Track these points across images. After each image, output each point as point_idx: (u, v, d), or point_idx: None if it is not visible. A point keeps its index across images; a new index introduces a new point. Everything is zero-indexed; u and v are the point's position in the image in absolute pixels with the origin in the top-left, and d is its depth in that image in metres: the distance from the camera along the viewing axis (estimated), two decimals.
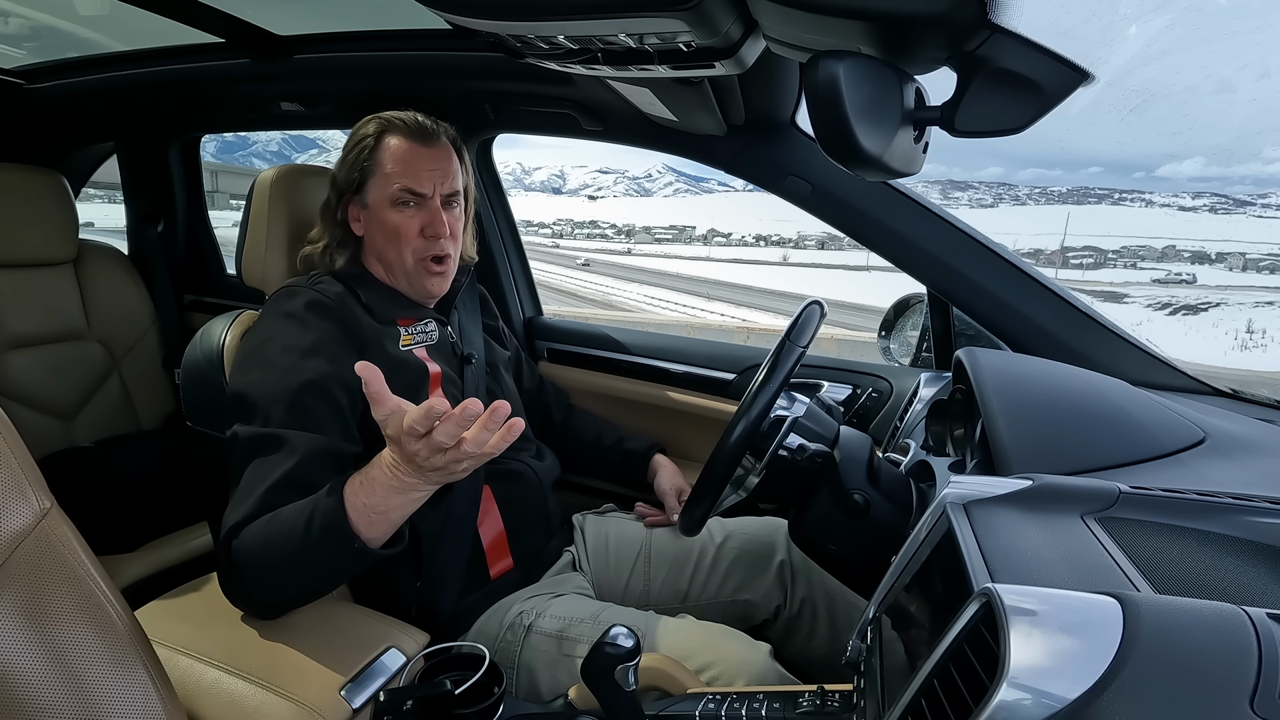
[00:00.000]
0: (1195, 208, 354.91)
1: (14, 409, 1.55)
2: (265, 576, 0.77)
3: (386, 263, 1.01)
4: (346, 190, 1.00)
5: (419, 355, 0.99)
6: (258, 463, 0.81)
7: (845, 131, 0.53)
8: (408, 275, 1.00)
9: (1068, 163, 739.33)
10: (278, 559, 0.75)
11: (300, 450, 0.81)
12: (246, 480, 0.81)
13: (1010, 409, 0.71)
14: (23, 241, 1.60)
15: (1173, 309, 54.69)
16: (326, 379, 0.86)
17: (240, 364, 0.89)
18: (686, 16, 0.64)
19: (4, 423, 0.52)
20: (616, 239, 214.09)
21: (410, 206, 0.98)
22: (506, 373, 1.15)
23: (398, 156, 0.98)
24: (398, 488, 0.71)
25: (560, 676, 0.90)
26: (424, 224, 0.98)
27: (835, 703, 0.71)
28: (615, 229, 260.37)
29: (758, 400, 0.78)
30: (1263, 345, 42.80)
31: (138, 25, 1.35)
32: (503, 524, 1.03)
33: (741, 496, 0.84)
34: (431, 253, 0.99)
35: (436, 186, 0.98)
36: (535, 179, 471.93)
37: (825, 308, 0.87)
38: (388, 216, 0.98)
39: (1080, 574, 0.48)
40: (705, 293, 31.67)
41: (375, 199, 0.99)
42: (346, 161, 0.99)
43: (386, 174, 0.97)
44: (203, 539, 1.52)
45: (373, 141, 0.98)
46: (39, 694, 0.48)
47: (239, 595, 0.80)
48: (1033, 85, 0.58)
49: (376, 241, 1.00)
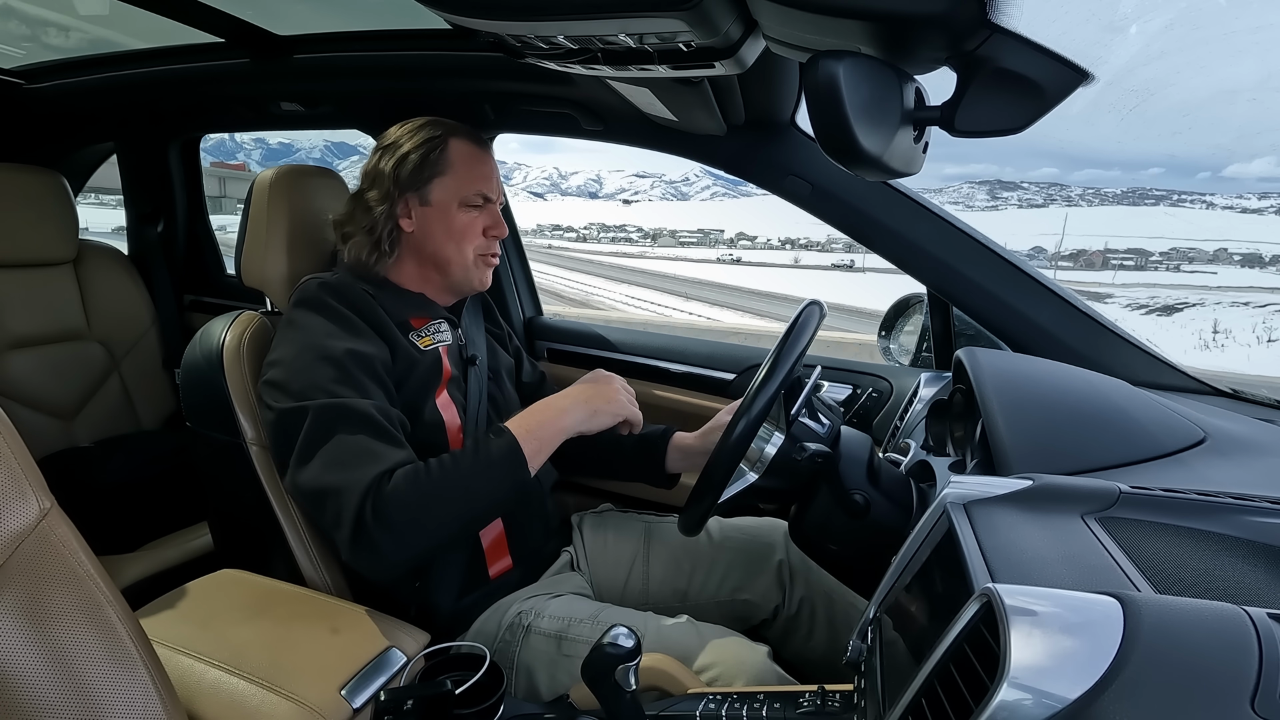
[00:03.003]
0: (1260, 209, 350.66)
1: (14, 409, 1.55)
2: (422, 520, 0.80)
3: (440, 260, 1.03)
4: (409, 188, 1.01)
5: (439, 354, 1.00)
6: (344, 429, 0.83)
7: (845, 131, 0.53)
8: (465, 269, 1.04)
9: (1127, 163, 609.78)
10: (441, 501, 0.81)
11: (379, 413, 0.86)
12: (344, 446, 0.82)
13: (1010, 409, 0.71)
14: (23, 241, 1.60)
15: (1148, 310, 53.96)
16: (373, 358, 0.90)
17: (283, 345, 0.91)
18: (686, 16, 0.64)
19: (4, 423, 0.52)
20: (641, 243, 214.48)
21: (479, 209, 1.03)
22: (509, 379, 1.15)
23: (471, 161, 1.02)
24: (561, 410, 0.91)
25: (559, 677, 0.90)
26: (487, 225, 1.04)
27: (835, 703, 0.71)
28: (641, 233, 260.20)
29: (758, 400, 0.78)
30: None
31: (138, 24, 1.35)
32: (502, 524, 1.03)
33: (759, 474, 0.83)
34: (491, 250, 1.05)
35: (499, 191, 1.06)
36: (572, 183, 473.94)
37: (825, 308, 0.87)
38: (456, 216, 1.01)
39: (1081, 574, 0.48)
40: (684, 292, 31.85)
41: (442, 198, 1.01)
42: (408, 161, 1.00)
43: (460, 177, 1.01)
44: (203, 539, 1.52)
45: (441, 144, 1.01)
46: (39, 694, 0.48)
47: (382, 549, 0.79)
48: (1033, 85, 0.58)
49: (434, 238, 1.02)
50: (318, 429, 0.83)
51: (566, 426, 0.91)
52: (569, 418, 0.92)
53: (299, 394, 0.86)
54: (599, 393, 0.96)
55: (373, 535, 0.79)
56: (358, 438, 0.83)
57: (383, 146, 1.03)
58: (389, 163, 1.01)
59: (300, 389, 0.86)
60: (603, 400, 0.95)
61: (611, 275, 44.52)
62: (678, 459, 1.11)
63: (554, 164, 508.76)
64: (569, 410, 0.92)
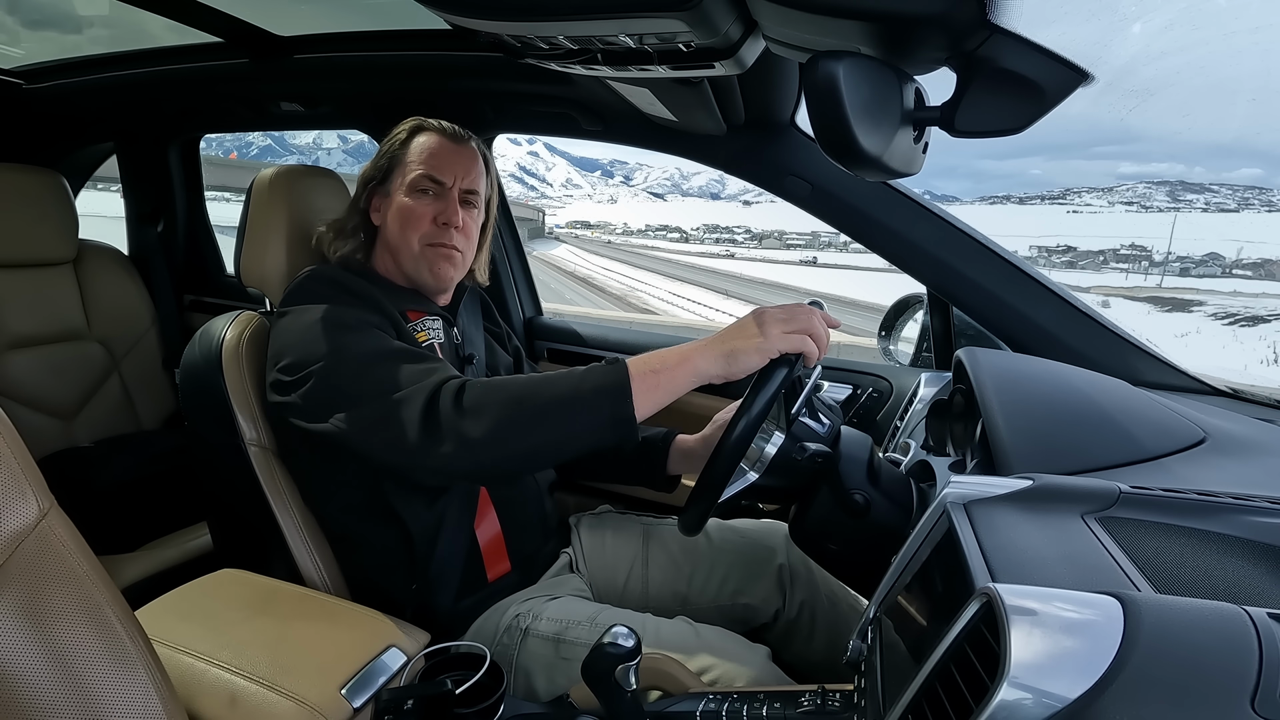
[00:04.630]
0: None
1: (14, 409, 1.55)
2: (501, 419, 0.75)
3: (395, 251, 1.02)
4: (372, 179, 1.04)
5: (435, 349, 1.00)
6: (388, 362, 0.82)
7: (845, 131, 0.53)
8: (414, 261, 1.01)
9: None
10: (524, 408, 0.75)
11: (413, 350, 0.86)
12: (396, 373, 0.81)
13: (1010, 409, 0.71)
14: (23, 241, 1.60)
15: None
16: (383, 326, 0.90)
17: (286, 334, 0.90)
18: (686, 17, 0.64)
19: (4, 423, 0.52)
20: (746, 244, 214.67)
21: (428, 195, 1.01)
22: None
23: (425, 149, 1.02)
24: (689, 350, 0.79)
25: (557, 679, 0.90)
26: (437, 212, 1.00)
27: (836, 702, 0.71)
28: (749, 234, 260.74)
29: (758, 399, 0.78)
30: None
31: (138, 24, 1.35)
32: (499, 526, 1.03)
33: (759, 473, 0.83)
34: (442, 240, 1.01)
35: (457, 178, 1.02)
36: (694, 184, 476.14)
37: (824, 307, 0.87)
38: (403, 202, 1.01)
39: (1081, 574, 0.48)
40: (724, 289, 31.96)
41: (396, 185, 1.02)
42: (379, 155, 1.04)
43: (410, 163, 1.01)
44: (203, 539, 1.52)
45: (405, 136, 1.03)
46: (39, 694, 0.48)
47: (458, 435, 0.76)
48: (1032, 85, 0.58)
49: (391, 229, 1.02)
50: (359, 372, 0.82)
51: (697, 369, 0.78)
52: (700, 358, 0.78)
53: (323, 355, 0.84)
54: (741, 329, 0.79)
55: (450, 422, 0.75)
56: (406, 365, 0.81)
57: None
58: (369, 161, 1.05)
59: (322, 352, 0.84)
60: (743, 338, 0.78)
61: (663, 270, 44.82)
62: (679, 461, 1.10)
63: (675, 164, 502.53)
64: (700, 350, 0.79)
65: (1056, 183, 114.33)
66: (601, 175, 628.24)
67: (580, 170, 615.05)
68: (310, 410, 0.86)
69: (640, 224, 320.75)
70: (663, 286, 31.26)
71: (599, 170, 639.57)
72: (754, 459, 0.83)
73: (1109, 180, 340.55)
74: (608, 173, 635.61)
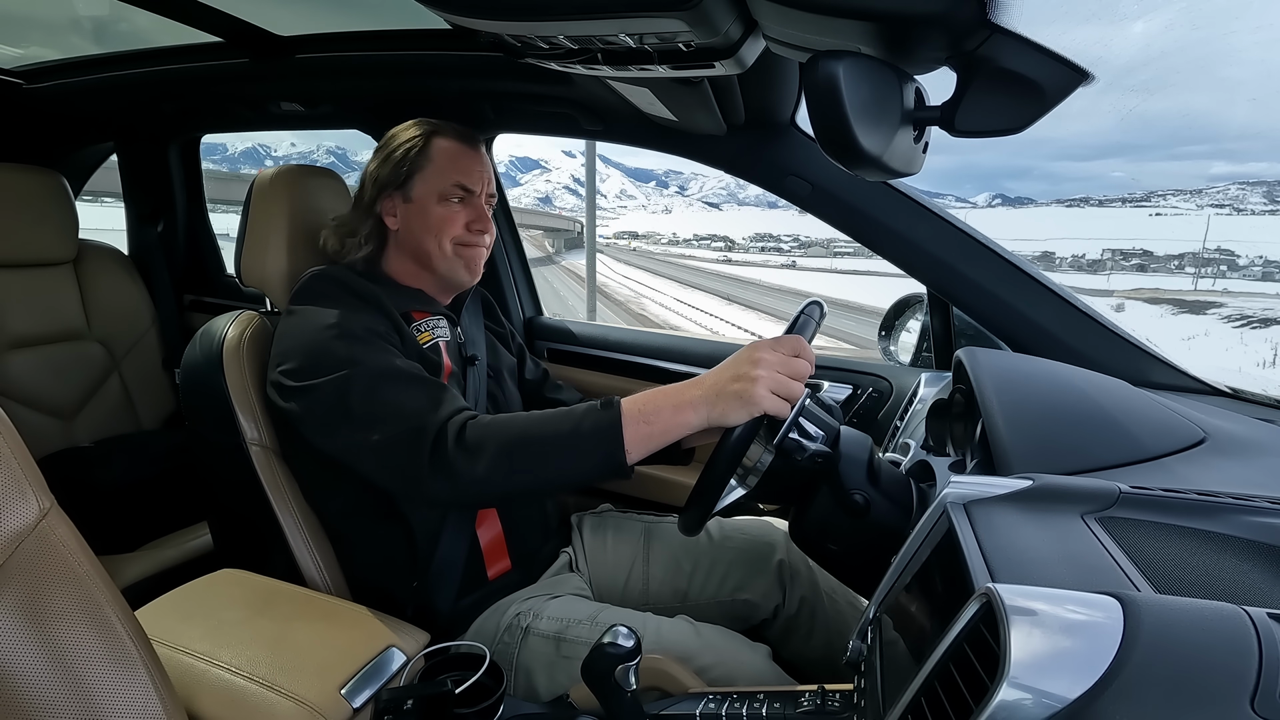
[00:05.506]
0: None
1: (14, 409, 1.55)
2: (500, 459, 0.78)
3: (421, 254, 1.03)
4: (389, 185, 1.03)
5: (439, 349, 1.01)
6: (399, 385, 0.84)
7: (845, 131, 0.53)
8: (448, 261, 1.03)
9: None
10: (523, 448, 0.78)
11: (424, 372, 0.88)
12: (408, 395, 0.83)
13: (1010, 409, 0.71)
14: (23, 241, 1.60)
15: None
16: (388, 333, 0.92)
17: (290, 336, 0.91)
18: (686, 16, 0.64)
19: (4, 423, 0.52)
20: (792, 252, 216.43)
21: (458, 202, 1.02)
22: (510, 378, 1.15)
23: (450, 155, 1.03)
24: (682, 403, 0.78)
25: (558, 678, 0.90)
26: (470, 219, 1.03)
27: (835, 702, 0.71)
28: (796, 242, 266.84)
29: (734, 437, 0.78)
30: None
31: (138, 24, 1.35)
32: (500, 525, 1.03)
33: (749, 488, 0.83)
34: (473, 242, 1.04)
35: (484, 185, 1.04)
36: (750, 192, 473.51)
37: (825, 307, 0.87)
38: (434, 209, 1.01)
39: (1081, 574, 0.48)
40: (727, 294, 32.07)
41: (422, 193, 1.02)
42: (391, 159, 1.02)
43: (439, 170, 1.02)
44: (203, 539, 1.52)
45: (422, 141, 1.03)
46: (39, 694, 0.48)
47: (460, 472, 0.78)
48: (1033, 85, 0.58)
49: (413, 233, 1.03)
50: (366, 393, 0.83)
51: (688, 423, 0.78)
52: (691, 413, 0.78)
53: (331, 368, 0.85)
54: (736, 378, 0.77)
55: (452, 459, 0.78)
56: (413, 390, 0.84)
57: (378, 148, 1.06)
58: (376, 163, 1.04)
59: (331, 364, 0.85)
60: (732, 398, 0.76)
61: (678, 277, 45.08)
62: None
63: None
64: (692, 405, 0.78)
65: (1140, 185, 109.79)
66: (656, 186, 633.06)
67: (635, 181, 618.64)
68: (312, 423, 0.87)
69: (688, 234, 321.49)
70: (669, 292, 31.30)
71: (653, 181, 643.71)
72: (754, 459, 0.83)
73: (1200, 182, 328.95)
74: (662, 183, 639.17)
